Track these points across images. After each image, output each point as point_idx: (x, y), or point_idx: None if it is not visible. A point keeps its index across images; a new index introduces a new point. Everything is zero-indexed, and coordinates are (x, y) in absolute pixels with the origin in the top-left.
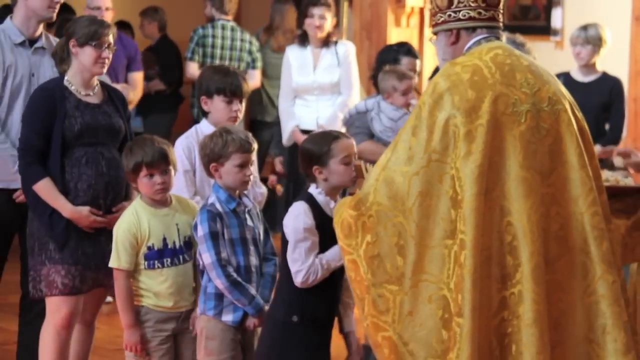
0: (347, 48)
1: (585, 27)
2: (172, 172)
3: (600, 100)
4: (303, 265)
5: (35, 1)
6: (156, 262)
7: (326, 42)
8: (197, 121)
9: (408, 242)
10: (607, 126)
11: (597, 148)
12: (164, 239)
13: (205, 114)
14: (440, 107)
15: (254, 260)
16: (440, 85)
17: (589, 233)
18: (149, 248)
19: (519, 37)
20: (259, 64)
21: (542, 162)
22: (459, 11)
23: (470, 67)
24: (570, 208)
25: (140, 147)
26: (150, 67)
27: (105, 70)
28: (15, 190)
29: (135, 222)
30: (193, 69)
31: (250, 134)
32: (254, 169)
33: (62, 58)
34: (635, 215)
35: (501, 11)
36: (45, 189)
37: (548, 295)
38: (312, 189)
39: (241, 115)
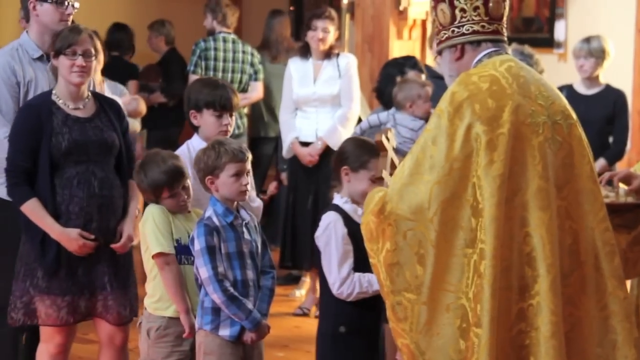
0: (348, 60)
1: (588, 40)
2: (189, 182)
3: (604, 113)
4: (338, 275)
5: (46, 16)
6: (183, 257)
7: (328, 55)
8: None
9: (428, 251)
10: (610, 139)
11: (601, 161)
12: (189, 235)
13: (195, 129)
14: (460, 115)
15: (251, 274)
16: (460, 94)
17: (600, 249)
18: (177, 241)
19: (527, 49)
20: (261, 75)
21: (557, 174)
22: (462, 26)
23: (487, 77)
24: (582, 223)
25: (153, 167)
26: (153, 80)
27: (85, 79)
28: None
29: (164, 211)
30: None
31: (244, 145)
32: (250, 183)
33: (54, 72)
34: (635, 230)
35: (505, 25)
36: (32, 209)
37: (562, 308)
38: (337, 200)
39: (231, 129)
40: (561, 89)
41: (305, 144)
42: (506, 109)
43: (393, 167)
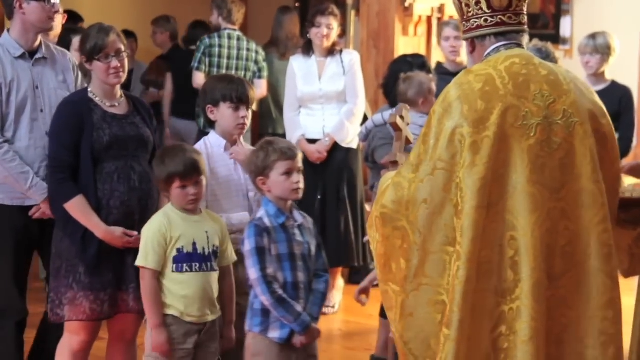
0: (352, 57)
1: (593, 36)
2: (204, 181)
3: (610, 110)
4: None
5: (34, 15)
6: (185, 265)
7: (331, 51)
8: (202, 131)
9: (411, 246)
10: (616, 135)
11: None
12: (194, 243)
13: (212, 124)
14: (449, 115)
15: (302, 276)
16: (451, 93)
17: (598, 250)
18: (178, 250)
19: (548, 46)
20: (265, 73)
21: (552, 176)
22: (469, 20)
23: (483, 77)
24: (580, 223)
25: (172, 157)
26: (161, 75)
27: (122, 79)
28: (31, 207)
29: (165, 224)
30: (200, 79)
31: (292, 143)
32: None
33: (84, 72)
34: None
35: (515, 11)
36: (78, 207)
37: (551, 310)
38: None
39: (248, 122)
40: None
41: (312, 141)
42: (495, 111)
43: (408, 143)
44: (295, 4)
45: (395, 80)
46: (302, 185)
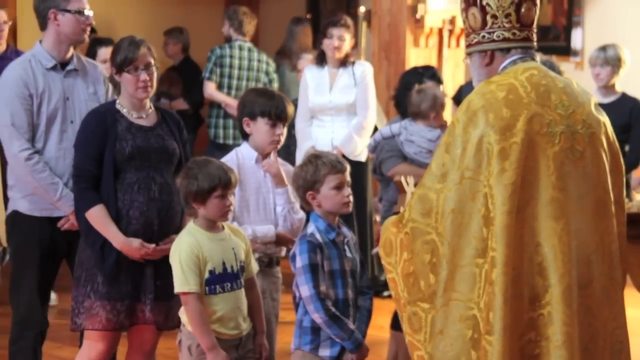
0: (364, 68)
1: (604, 48)
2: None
3: (620, 122)
4: None
5: (68, 26)
6: (217, 286)
7: (344, 63)
8: (213, 142)
9: (440, 259)
10: (626, 148)
11: None
12: (224, 263)
13: (245, 137)
14: (474, 124)
15: (351, 293)
16: (475, 102)
17: (614, 259)
18: (210, 272)
19: (552, 60)
20: (275, 84)
21: (577, 184)
22: (493, 32)
23: (505, 86)
24: (598, 233)
25: (208, 168)
26: (174, 86)
27: (150, 93)
28: (59, 218)
29: (195, 245)
30: (210, 89)
31: (340, 155)
32: (293, 195)
33: (114, 84)
34: None
35: (535, 30)
36: (97, 216)
37: (579, 318)
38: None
39: (283, 139)
40: None
41: None
42: (521, 118)
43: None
44: (307, 15)
45: (406, 92)
46: (352, 198)
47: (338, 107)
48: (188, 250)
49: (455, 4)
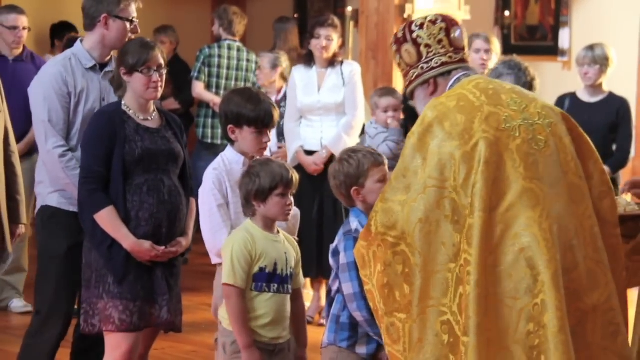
0: (352, 68)
1: (591, 47)
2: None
3: (607, 121)
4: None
5: (116, 32)
6: (264, 285)
7: (332, 63)
8: (201, 142)
9: (413, 269)
10: (614, 147)
11: (605, 169)
12: (275, 264)
13: (230, 141)
14: (431, 135)
15: None
16: (428, 115)
17: (597, 242)
18: (260, 269)
19: (515, 58)
20: None
21: (547, 172)
22: (431, 60)
23: (454, 96)
24: (577, 218)
25: (270, 167)
26: (165, 85)
27: (159, 94)
28: None
29: (250, 240)
30: (199, 89)
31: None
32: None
33: (118, 84)
34: (635, 239)
35: (468, 54)
36: (107, 218)
37: (567, 304)
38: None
39: (270, 144)
40: (564, 97)
41: (310, 153)
42: (476, 120)
43: None
44: (294, 15)
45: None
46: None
47: (327, 107)
48: (242, 245)
49: (443, 3)
